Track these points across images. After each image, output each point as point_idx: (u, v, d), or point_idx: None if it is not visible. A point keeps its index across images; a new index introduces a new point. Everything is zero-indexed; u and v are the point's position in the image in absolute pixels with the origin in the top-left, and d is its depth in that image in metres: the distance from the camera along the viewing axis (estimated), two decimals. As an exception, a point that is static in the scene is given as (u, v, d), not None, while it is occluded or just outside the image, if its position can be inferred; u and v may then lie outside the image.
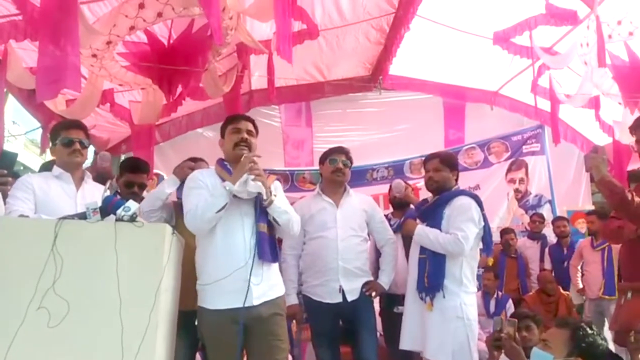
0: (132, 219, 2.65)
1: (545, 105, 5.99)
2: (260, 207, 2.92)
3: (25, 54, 4.19)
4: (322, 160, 3.89)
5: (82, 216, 2.73)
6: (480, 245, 3.59)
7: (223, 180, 2.90)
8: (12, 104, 5.82)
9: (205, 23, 3.57)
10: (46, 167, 4.24)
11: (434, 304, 3.49)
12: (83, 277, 2.54)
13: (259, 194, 2.86)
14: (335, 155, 3.82)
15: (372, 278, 3.86)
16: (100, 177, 3.32)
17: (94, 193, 3.00)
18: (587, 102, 5.83)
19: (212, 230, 2.91)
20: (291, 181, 6.65)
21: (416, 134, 6.99)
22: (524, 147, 6.97)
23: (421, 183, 6.50)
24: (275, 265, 3.02)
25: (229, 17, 3.80)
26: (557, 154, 6.88)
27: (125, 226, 2.61)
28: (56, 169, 3.07)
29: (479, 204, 3.56)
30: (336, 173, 3.76)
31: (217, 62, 4.51)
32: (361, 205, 3.87)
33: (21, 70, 4.08)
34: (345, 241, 3.69)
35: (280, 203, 2.94)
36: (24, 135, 14.95)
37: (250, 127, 3.08)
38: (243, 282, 2.80)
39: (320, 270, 3.70)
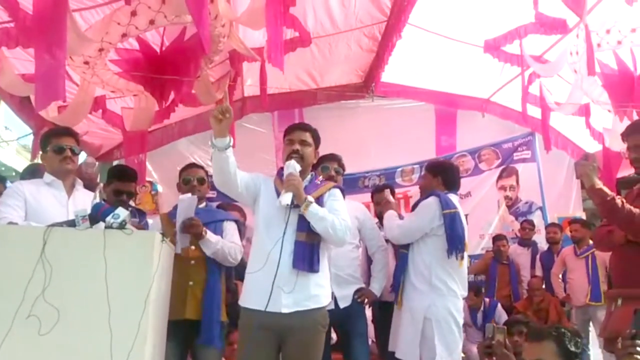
0: (122, 226, 2.64)
1: (536, 112, 6.01)
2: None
3: (17, 62, 4.17)
4: (315, 167, 3.89)
5: (71, 223, 2.72)
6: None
7: (277, 189, 2.99)
8: (4, 110, 5.77)
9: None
10: (30, 170, 4.23)
11: (403, 302, 3.59)
12: (72, 285, 2.53)
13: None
14: (327, 163, 3.82)
15: (364, 285, 3.85)
16: (86, 184, 3.31)
17: (85, 200, 2.99)
18: (577, 109, 5.87)
19: (256, 231, 2.99)
20: None
21: (408, 141, 7.00)
22: (514, 154, 7.00)
23: (412, 191, 6.54)
24: (318, 275, 2.91)
25: (221, 24, 3.80)
26: (548, 161, 6.91)
27: (115, 234, 2.61)
28: (47, 176, 3.05)
29: (446, 203, 3.59)
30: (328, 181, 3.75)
31: (210, 69, 4.50)
32: (353, 212, 3.86)
33: (13, 77, 4.05)
34: (337, 248, 3.68)
35: (317, 209, 2.87)
36: (16, 141, 14.88)
37: (305, 136, 3.08)
38: (273, 287, 2.78)
39: None
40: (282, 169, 3.06)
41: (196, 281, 3.37)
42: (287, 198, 2.81)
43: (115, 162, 6.78)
